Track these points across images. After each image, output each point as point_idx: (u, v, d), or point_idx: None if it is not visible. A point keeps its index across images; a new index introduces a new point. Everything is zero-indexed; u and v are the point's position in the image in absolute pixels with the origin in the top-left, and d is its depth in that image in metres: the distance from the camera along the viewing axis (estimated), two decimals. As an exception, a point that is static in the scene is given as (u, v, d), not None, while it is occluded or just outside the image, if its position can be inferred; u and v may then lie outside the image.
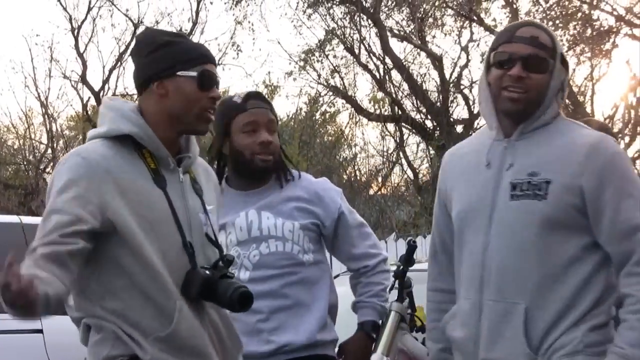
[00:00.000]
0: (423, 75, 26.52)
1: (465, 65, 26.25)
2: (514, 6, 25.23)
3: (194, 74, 3.59)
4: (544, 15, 24.77)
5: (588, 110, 25.14)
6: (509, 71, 3.67)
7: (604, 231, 3.65)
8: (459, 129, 26.10)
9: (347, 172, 29.24)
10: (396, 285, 5.06)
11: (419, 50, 26.42)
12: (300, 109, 29.95)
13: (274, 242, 4.42)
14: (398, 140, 28.50)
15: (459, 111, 27.16)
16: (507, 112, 3.71)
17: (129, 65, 26.70)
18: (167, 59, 3.63)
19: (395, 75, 26.72)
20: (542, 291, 3.62)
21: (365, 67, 27.08)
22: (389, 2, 25.88)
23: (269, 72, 33.39)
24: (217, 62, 3.85)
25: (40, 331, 8.50)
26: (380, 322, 4.61)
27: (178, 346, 3.47)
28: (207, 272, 3.52)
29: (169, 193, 3.56)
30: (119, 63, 28.27)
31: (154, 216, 3.51)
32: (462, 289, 3.82)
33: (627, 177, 3.70)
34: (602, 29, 24.35)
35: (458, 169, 3.94)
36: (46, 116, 28.91)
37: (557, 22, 24.78)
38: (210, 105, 3.64)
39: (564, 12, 24.73)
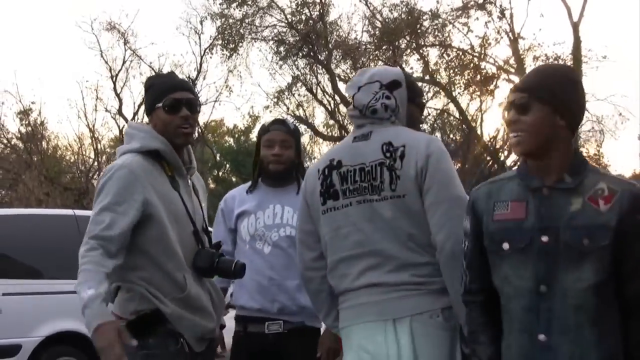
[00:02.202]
0: (361, 108, 26.64)
1: (392, 101, 26.35)
2: (426, 59, 25.30)
3: (160, 104, 3.50)
4: (447, 65, 24.89)
5: (478, 132, 25.34)
6: None
7: None
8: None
9: (308, 177, 29.35)
10: None
11: (358, 90, 26.42)
12: (275, 132, 29.94)
13: (289, 229, 4.28)
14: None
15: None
16: None
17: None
18: (149, 98, 3.58)
19: (342, 108, 26.70)
20: None
21: (320, 103, 27.20)
22: (337, 56, 25.86)
23: (252, 106, 33.68)
24: (196, 96, 3.70)
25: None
26: None
27: (190, 304, 3.43)
28: (213, 250, 3.55)
29: (181, 194, 3.52)
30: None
31: (176, 211, 3.46)
32: None
33: None
34: (487, 75, 24.54)
35: None
36: (93, 139, 28.81)
37: (456, 69, 24.95)
38: (181, 123, 3.51)
39: (460, 63, 24.77)
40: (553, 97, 2.66)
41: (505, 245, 2.68)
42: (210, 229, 3.89)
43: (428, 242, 3.15)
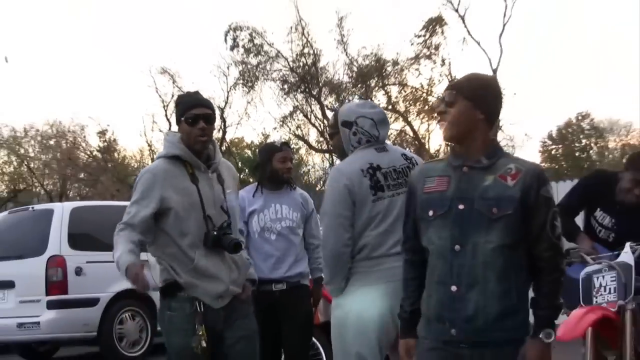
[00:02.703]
0: (343, 129, 26.51)
1: (364, 124, 26.30)
2: (389, 94, 25.33)
3: (184, 118, 3.33)
4: (404, 98, 24.95)
5: (427, 147, 25.36)
6: None
7: None
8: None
9: (305, 179, 29.24)
10: None
11: (341, 116, 26.32)
12: (281, 146, 29.94)
13: (288, 221, 4.41)
14: (330, 162, 28.58)
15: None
16: None
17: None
18: (177, 112, 3.41)
19: (329, 130, 26.72)
20: None
21: (313, 125, 27.03)
22: (325, 92, 25.80)
23: (264, 127, 33.22)
24: (213, 110, 3.43)
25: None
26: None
27: (199, 273, 3.27)
28: (215, 232, 3.30)
29: (199, 186, 3.31)
30: (188, 123, 28.01)
31: (191, 201, 3.28)
32: None
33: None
34: (432, 106, 24.56)
35: None
36: (151, 151, 28.73)
37: (411, 102, 25.03)
38: (199, 133, 3.31)
39: (414, 97, 24.98)
40: (474, 94, 2.44)
41: (430, 212, 2.46)
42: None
43: None
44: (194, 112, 3.32)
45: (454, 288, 2.39)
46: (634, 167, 4.07)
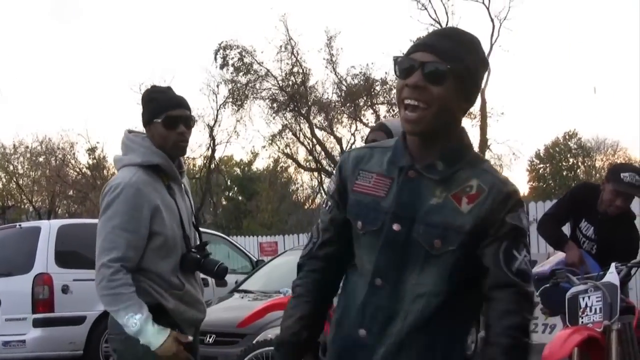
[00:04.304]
0: (331, 149, 26.51)
1: (353, 143, 26.42)
2: (377, 113, 25.40)
3: (159, 120, 2.78)
4: (392, 116, 24.96)
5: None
6: None
7: None
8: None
9: (293, 197, 29.22)
10: None
11: (329, 135, 26.41)
12: (270, 164, 29.95)
13: None
14: (319, 181, 28.60)
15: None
16: None
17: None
18: (149, 111, 2.84)
19: (317, 148, 26.79)
20: None
21: (302, 144, 27.04)
22: (314, 111, 25.80)
23: (253, 146, 33.31)
24: (191, 111, 2.90)
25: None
26: None
27: (186, 300, 2.80)
28: (196, 254, 2.86)
29: (175, 199, 2.83)
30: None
31: (173, 217, 2.79)
32: None
33: None
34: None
35: None
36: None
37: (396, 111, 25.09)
38: (179, 138, 2.81)
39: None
40: (470, 77, 1.66)
41: (359, 224, 1.74)
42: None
43: None
44: (172, 113, 2.82)
45: (362, 332, 1.72)
46: (614, 178, 4.17)
